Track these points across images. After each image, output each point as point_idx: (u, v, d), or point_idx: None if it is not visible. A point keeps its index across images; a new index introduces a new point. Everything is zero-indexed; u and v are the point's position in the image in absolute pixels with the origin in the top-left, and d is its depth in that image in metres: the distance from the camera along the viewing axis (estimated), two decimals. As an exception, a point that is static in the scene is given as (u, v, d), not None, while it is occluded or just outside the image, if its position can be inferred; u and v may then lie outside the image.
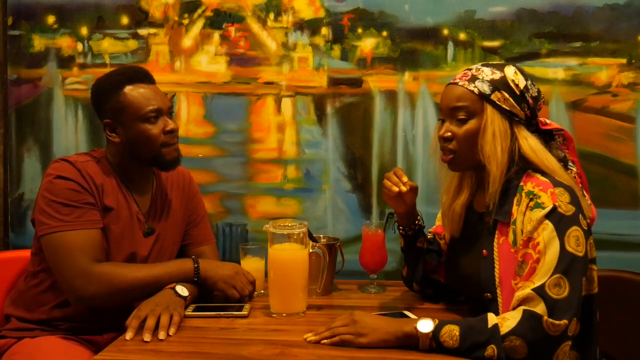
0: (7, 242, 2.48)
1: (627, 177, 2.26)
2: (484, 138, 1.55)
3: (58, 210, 1.69)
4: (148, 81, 1.84)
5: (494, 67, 1.61)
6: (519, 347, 1.36)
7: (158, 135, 1.79)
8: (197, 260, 1.82)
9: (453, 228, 1.75)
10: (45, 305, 1.79)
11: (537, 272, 1.41)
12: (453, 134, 1.59)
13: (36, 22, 2.48)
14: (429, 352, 1.40)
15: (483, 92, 1.56)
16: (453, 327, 1.40)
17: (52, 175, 1.74)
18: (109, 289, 1.68)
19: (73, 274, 1.66)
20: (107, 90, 1.81)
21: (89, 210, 1.73)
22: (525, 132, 1.58)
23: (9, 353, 1.74)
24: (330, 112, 2.39)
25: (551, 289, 1.39)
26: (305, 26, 2.39)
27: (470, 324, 1.41)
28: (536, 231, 1.45)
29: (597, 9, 2.26)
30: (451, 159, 1.61)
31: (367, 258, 1.99)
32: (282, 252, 1.71)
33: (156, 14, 2.44)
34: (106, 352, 1.43)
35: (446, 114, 1.61)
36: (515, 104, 1.56)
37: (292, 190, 2.42)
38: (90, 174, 1.76)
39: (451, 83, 1.63)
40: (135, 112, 1.78)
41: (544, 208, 1.45)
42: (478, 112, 1.56)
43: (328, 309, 1.80)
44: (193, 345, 1.47)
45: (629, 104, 2.26)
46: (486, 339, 1.37)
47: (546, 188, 1.49)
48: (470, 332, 1.39)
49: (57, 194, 1.71)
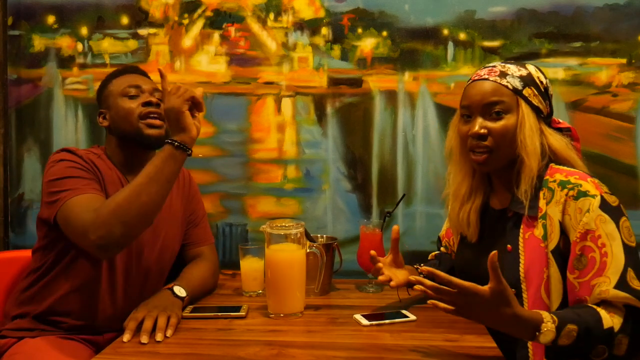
0: (7, 242, 2.48)
1: (627, 177, 2.25)
2: (523, 132, 1.54)
3: (64, 184, 1.70)
4: (136, 72, 1.96)
5: (516, 64, 1.61)
6: (623, 345, 1.36)
7: (136, 108, 1.85)
8: (170, 138, 1.67)
9: (470, 234, 1.72)
10: (46, 300, 1.80)
11: (608, 266, 1.40)
12: (489, 130, 1.56)
13: (36, 22, 2.48)
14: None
15: (516, 87, 1.56)
16: (572, 328, 1.33)
17: (54, 161, 1.77)
18: (116, 218, 1.57)
19: (81, 224, 1.60)
20: (101, 86, 1.94)
21: (94, 182, 1.75)
22: (548, 128, 1.60)
23: (9, 353, 1.74)
24: (330, 112, 2.39)
25: (632, 282, 1.38)
26: (305, 26, 2.39)
27: (589, 326, 1.35)
28: (594, 223, 1.43)
29: (597, 9, 2.26)
30: (486, 157, 1.57)
31: (365, 257, 1.99)
32: (279, 252, 1.71)
33: (156, 14, 2.44)
34: (103, 354, 1.44)
35: (477, 110, 1.58)
36: (542, 100, 1.58)
37: (292, 190, 2.42)
38: (92, 161, 1.81)
39: (479, 79, 1.60)
40: (116, 90, 1.88)
41: (593, 196, 1.44)
42: (513, 107, 1.55)
43: (326, 309, 1.80)
44: (190, 346, 1.47)
45: (629, 104, 2.25)
46: (601, 341, 1.35)
47: (583, 177, 1.50)
48: (587, 334, 1.34)
49: (60, 173, 1.73)
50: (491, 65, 1.64)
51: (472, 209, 1.70)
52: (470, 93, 1.60)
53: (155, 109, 1.85)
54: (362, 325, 1.62)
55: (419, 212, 2.35)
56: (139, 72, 1.96)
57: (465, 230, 1.73)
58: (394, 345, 1.47)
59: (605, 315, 1.37)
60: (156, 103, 1.86)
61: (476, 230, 1.70)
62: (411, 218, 2.35)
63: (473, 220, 1.70)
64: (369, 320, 1.64)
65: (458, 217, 1.73)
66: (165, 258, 1.95)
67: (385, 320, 1.64)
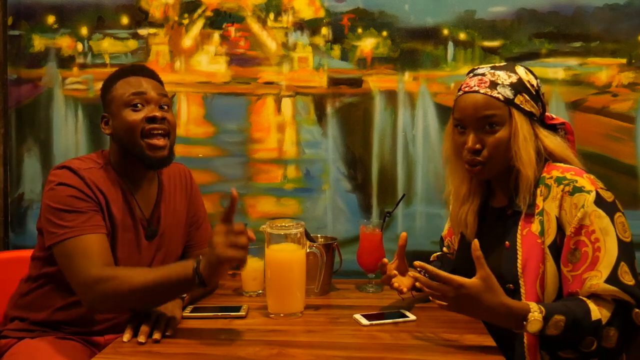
0: (7, 242, 2.49)
1: (627, 177, 2.25)
2: (517, 143, 1.54)
3: (62, 218, 1.65)
4: (142, 73, 1.81)
5: (506, 70, 1.59)
6: (612, 337, 1.39)
7: (139, 122, 1.72)
8: (198, 260, 1.56)
9: (468, 234, 1.72)
10: (48, 308, 1.79)
11: (600, 260, 1.42)
12: (483, 144, 1.56)
13: (36, 22, 2.48)
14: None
15: (507, 97, 1.55)
16: (559, 319, 1.38)
17: (54, 182, 1.70)
18: (114, 294, 1.56)
19: (81, 280, 1.60)
20: (105, 86, 1.82)
21: (93, 216, 1.69)
22: (542, 129, 1.60)
23: (9, 353, 1.73)
24: (330, 112, 2.39)
25: (623, 276, 1.40)
26: (305, 26, 2.39)
27: (577, 317, 1.38)
28: (588, 218, 1.44)
29: (597, 9, 2.26)
30: (481, 169, 1.58)
31: (364, 257, 1.99)
32: (279, 252, 1.71)
33: (156, 14, 2.44)
34: (103, 354, 1.43)
35: (471, 124, 1.57)
36: (534, 103, 1.58)
37: (292, 190, 2.42)
38: (94, 181, 1.72)
39: (469, 92, 1.58)
40: (120, 98, 1.75)
41: (588, 192, 1.46)
42: (506, 118, 1.55)
43: (326, 309, 1.80)
44: (190, 346, 1.47)
45: (629, 104, 2.25)
46: (589, 332, 1.39)
47: (579, 173, 1.51)
48: (574, 325, 1.38)
49: (60, 201, 1.67)
50: (480, 73, 1.61)
51: (470, 210, 1.72)
52: (462, 106, 1.59)
53: (160, 125, 1.74)
54: (362, 325, 1.62)
55: (419, 212, 2.35)
56: (145, 73, 1.83)
57: (464, 229, 1.74)
58: (393, 345, 1.47)
59: (594, 308, 1.40)
60: (161, 118, 1.74)
61: (473, 231, 1.71)
62: (411, 218, 2.35)
63: (470, 221, 1.71)
64: (369, 320, 1.63)
65: (457, 216, 1.75)
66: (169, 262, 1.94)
67: (385, 320, 1.64)
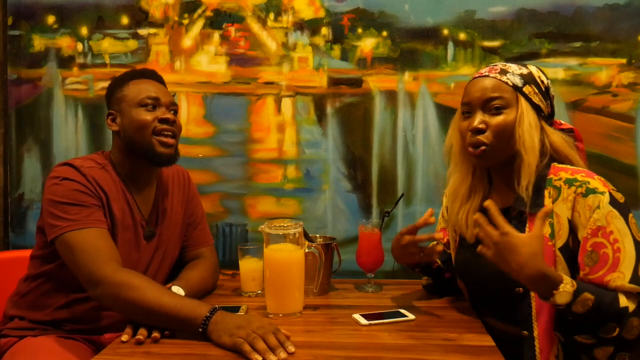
0: (7, 242, 2.49)
1: (627, 177, 2.25)
2: (521, 127, 1.55)
3: (66, 211, 1.67)
4: (154, 78, 1.89)
5: (518, 64, 1.64)
6: (635, 329, 1.39)
7: (151, 121, 1.79)
8: (216, 310, 1.52)
9: (468, 235, 1.71)
10: (49, 307, 1.80)
11: (622, 262, 1.41)
12: (487, 125, 1.58)
13: (36, 22, 2.48)
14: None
15: (516, 84, 1.58)
16: (589, 297, 1.37)
17: (59, 178, 1.72)
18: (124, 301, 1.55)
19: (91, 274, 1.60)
20: (114, 86, 1.87)
21: (96, 210, 1.71)
22: (549, 127, 1.61)
23: (10, 352, 1.74)
24: (330, 112, 2.39)
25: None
26: (305, 26, 2.39)
27: (605, 300, 1.38)
28: (605, 219, 1.44)
29: (597, 9, 2.26)
30: (483, 151, 1.58)
31: (363, 257, 1.99)
32: (278, 252, 1.71)
33: (156, 14, 2.44)
34: (102, 354, 1.43)
35: (477, 106, 1.60)
36: (542, 99, 1.59)
37: (292, 190, 2.42)
38: (95, 179, 1.75)
39: (479, 76, 1.63)
40: (133, 98, 1.82)
41: (602, 193, 1.46)
42: (512, 103, 1.57)
43: (325, 309, 1.80)
44: (189, 346, 1.47)
45: (629, 104, 2.25)
46: (613, 318, 1.38)
47: (590, 175, 1.51)
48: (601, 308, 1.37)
49: (63, 195, 1.69)
50: (493, 64, 1.66)
51: (471, 210, 1.70)
52: (471, 90, 1.63)
53: (171, 127, 1.82)
54: (361, 324, 1.62)
55: (419, 212, 2.34)
56: (156, 79, 1.90)
57: (464, 230, 1.72)
58: (392, 344, 1.47)
59: (623, 297, 1.40)
60: (172, 121, 1.82)
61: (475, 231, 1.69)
62: (411, 218, 2.34)
63: (471, 221, 1.69)
64: (368, 320, 1.63)
65: (457, 217, 1.74)
66: (166, 263, 1.96)
67: (384, 320, 1.64)
